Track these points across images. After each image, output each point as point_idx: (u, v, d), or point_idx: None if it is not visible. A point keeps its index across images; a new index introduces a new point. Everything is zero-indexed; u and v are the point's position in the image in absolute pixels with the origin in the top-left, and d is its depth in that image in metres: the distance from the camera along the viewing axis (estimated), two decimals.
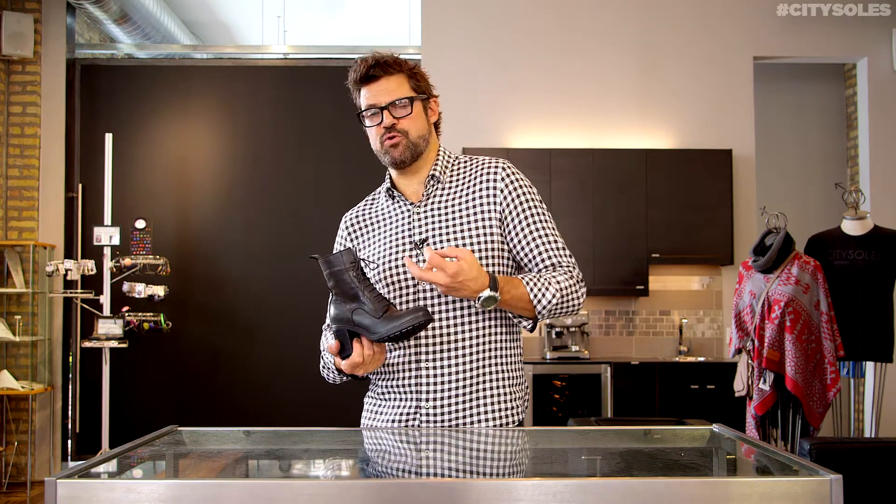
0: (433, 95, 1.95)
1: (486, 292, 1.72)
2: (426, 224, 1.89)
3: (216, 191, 6.25)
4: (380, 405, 1.91)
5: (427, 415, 1.83)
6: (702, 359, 5.82)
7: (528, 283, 1.79)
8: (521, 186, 1.89)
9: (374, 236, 1.95)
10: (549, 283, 1.80)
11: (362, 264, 1.83)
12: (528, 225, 1.87)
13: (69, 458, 5.95)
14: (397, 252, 1.88)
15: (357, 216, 2.01)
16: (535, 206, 1.89)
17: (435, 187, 1.93)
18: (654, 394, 5.53)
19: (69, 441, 5.95)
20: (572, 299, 1.83)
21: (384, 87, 1.87)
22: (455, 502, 1.22)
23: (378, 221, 1.97)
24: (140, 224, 5.77)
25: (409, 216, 1.92)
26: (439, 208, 1.90)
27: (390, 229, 1.93)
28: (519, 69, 6.14)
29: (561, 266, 1.86)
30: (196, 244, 6.19)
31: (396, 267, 1.87)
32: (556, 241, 1.88)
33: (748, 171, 6.06)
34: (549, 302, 1.78)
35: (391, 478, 1.47)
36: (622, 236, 5.86)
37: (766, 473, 1.49)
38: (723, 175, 5.90)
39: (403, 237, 1.90)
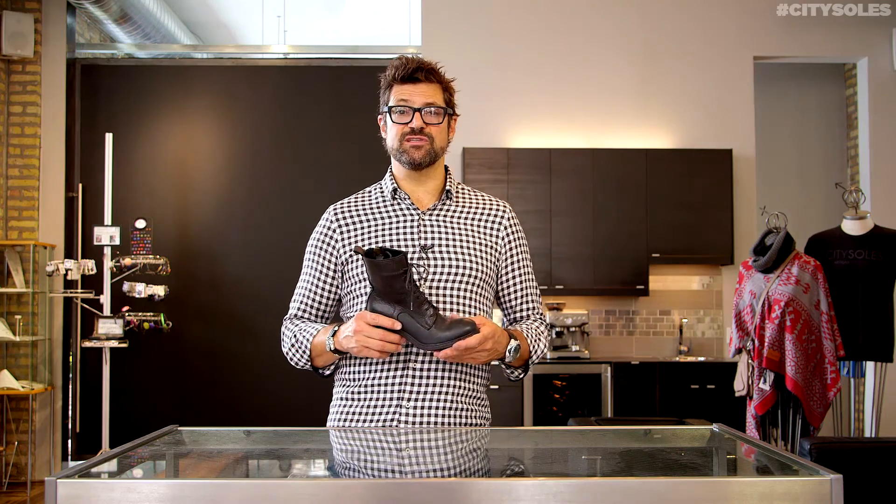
0: (457, 114, 2.00)
1: (514, 342, 1.84)
2: (434, 232, 1.93)
3: (216, 191, 6.25)
4: (353, 404, 1.91)
5: (407, 415, 1.85)
6: (702, 359, 5.82)
7: (526, 336, 1.94)
8: (521, 232, 2.05)
9: (367, 232, 1.95)
10: (539, 336, 1.97)
11: (413, 271, 1.82)
12: (521, 268, 2.03)
13: (69, 458, 5.95)
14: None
15: (347, 209, 2.00)
16: (528, 254, 2.07)
17: (444, 201, 1.98)
18: (655, 394, 5.53)
19: (69, 441, 5.95)
20: (548, 346, 2.02)
21: (422, 91, 1.91)
22: (455, 502, 1.22)
23: (375, 219, 1.96)
24: (140, 224, 5.76)
25: (417, 221, 1.94)
26: (447, 221, 1.96)
27: (393, 230, 1.93)
28: (519, 69, 6.14)
29: (534, 311, 2.04)
30: (196, 244, 6.19)
31: None
32: (537, 289, 2.07)
33: (748, 171, 6.06)
34: (542, 351, 1.97)
35: (391, 478, 1.47)
36: (622, 236, 5.85)
37: (766, 473, 1.49)
38: (723, 175, 5.90)
39: (410, 240, 1.91)
